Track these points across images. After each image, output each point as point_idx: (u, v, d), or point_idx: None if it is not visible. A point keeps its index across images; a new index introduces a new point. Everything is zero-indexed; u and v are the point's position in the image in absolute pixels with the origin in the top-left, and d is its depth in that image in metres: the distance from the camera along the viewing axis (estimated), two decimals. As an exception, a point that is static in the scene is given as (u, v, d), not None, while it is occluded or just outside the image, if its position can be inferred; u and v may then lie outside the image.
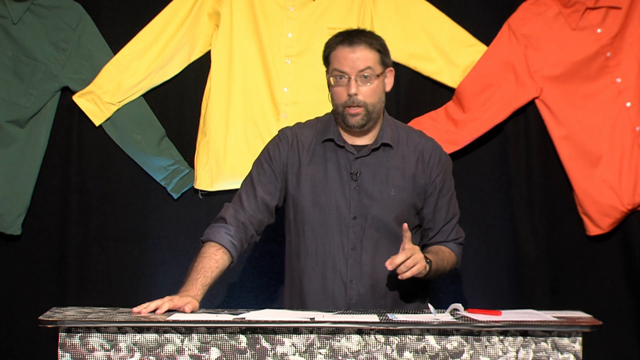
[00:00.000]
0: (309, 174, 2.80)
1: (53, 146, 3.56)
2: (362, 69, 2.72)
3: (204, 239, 2.74)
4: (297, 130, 2.88)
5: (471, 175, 3.57)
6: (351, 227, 2.77)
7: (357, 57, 2.72)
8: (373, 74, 2.73)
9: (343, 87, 2.73)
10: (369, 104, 2.74)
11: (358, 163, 2.79)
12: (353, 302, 2.77)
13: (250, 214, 2.78)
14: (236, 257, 2.74)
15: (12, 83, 3.51)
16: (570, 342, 2.29)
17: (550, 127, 3.53)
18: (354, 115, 2.74)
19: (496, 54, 3.52)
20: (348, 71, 2.72)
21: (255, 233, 2.80)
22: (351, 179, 2.78)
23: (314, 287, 2.79)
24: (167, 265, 3.56)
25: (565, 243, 3.58)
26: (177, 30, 3.54)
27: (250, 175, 2.86)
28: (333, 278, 2.77)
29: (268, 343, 2.29)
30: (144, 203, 3.59)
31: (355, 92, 2.71)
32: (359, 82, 2.72)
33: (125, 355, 2.29)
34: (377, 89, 2.75)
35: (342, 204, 2.78)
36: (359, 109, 2.73)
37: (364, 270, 2.76)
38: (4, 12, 3.50)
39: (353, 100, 2.72)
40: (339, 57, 2.74)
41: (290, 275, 2.88)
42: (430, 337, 2.30)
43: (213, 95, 3.52)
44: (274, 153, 2.84)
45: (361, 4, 3.53)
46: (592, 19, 3.49)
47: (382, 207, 2.78)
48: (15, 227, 3.53)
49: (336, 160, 2.80)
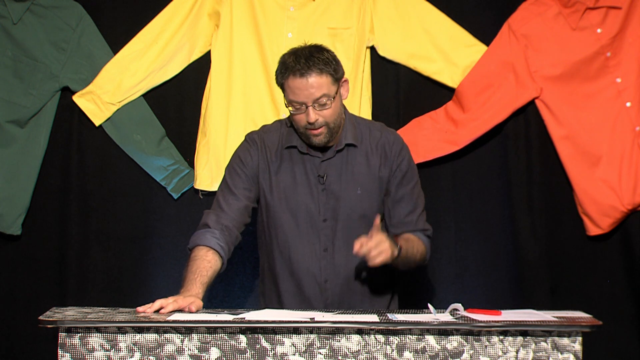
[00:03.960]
0: (279, 179, 2.82)
1: (53, 146, 3.56)
2: (317, 97, 2.70)
3: (191, 246, 2.75)
4: (263, 135, 2.88)
5: (471, 175, 3.57)
6: (322, 229, 2.80)
7: (311, 86, 2.69)
8: (329, 98, 2.71)
9: (302, 114, 2.72)
10: (330, 122, 2.74)
11: (324, 165, 2.81)
12: (329, 302, 2.79)
13: (231, 217, 2.79)
14: (226, 260, 2.74)
15: (12, 83, 3.51)
16: (570, 342, 2.29)
17: (550, 127, 3.53)
18: (317, 135, 2.75)
19: (496, 54, 3.52)
20: (304, 100, 2.70)
21: (239, 234, 2.81)
22: (318, 182, 2.80)
23: (290, 290, 2.82)
24: (167, 265, 3.56)
25: (565, 243, 3.58)
26: (177, 30, 3.54)
27: (225, 181, 2.86)
28: (307, 280, 2.80)
29: (268, 343, 2.29)
30: (144, 203, 3.59)
31: (315, 118, 2.71)
32: (317, 108, 2.71)
33: (125, 355, 2.29)
34: (335, 108, 2.74)
35: (312, 207, 2.80)
36: (321, 128, 2.73)
37: (337, 270, 2.79)
38: (4, 12, 3.50)
39: (314, 125, 2.72)
40: (293, 88, 2.71)
41: (265, 278, 2.90)
42: (430, 337, 2.30)
43: (213, 95, 3.52)
44: (245, 158, 2.85)
45: (361, 4, 3.53)
46: (592, 19, 3.49)
47: (350, 206, 2.80)
48: (15, 227, 3.53)
49: (303, 164, 2.82)
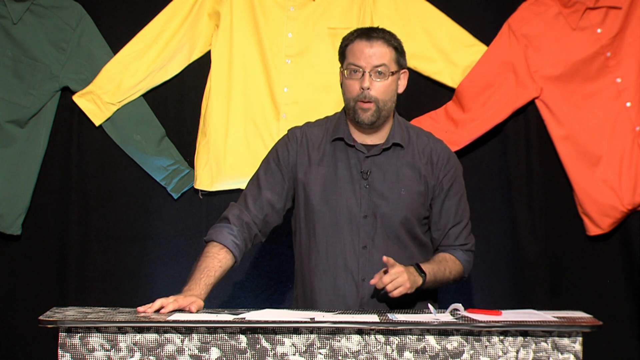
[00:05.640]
0: (319, 173, 2.78)
1: (53, 146, 3.56)
2: (377, 64, 2.71)
3: (207, 239, 2.74)
4: (306, 129, 2.86)
5: (471, 175, 3.56)
6: (362, 225, 2.75)
7: (374, 52, 2.71)
8: (388, 71, 2.72)
9: (356, 80, 2.71)
10: (380, 101, 2.72)
11: (369, 162, 2.78)
12: (365, 300, 2.74)
13: (254, 214, 2.77)
14: (239, 257, 2.73)
15: (12, 83, 3.51)
16: (570, 342, 2.29)
17: (550, 127, 3.53)
18: (365, 111, 2.72)
19: (496, 54, 3.52)
20: (363, 65, 2.70)
21: (259, 233, 2.79)
22: (362, 178, 2.77)
23: (325, 287, 2.77)
24: (167, 265, 3.56)
25: (565, 243, 3.58)
26: (177, 30, 3.54)
27: (257, 175, 2.84)
28: (344, 277, 2.75)
29: (268, 343, 2.29)
30: (144, 203, 3.59)
31: (368, 86, 2.69)
32: (372, 77, 2.71)
33: (125, 355, 2.29)
34: (390, 86, 2.73)
35: (353, 202, 2.76)
36: (370, 104, 2.71)
37: (376, 269, 2.70)
38: (4, 12, 3.50)
39: (365, 95, 2.70)
40: (355, 51, 2.72)
41: (300, 276, 2.85)
42: (430, 337, 2.30)
43: (213, 95, 3.52)
44: (282, 153, 2.82)
45: (361, 4, 3.53)
46: (592, 19, 3.49)
47: (393, 206, 2.76)
48: (15, 227, 3.53)
49: (346, 159, 2.79)
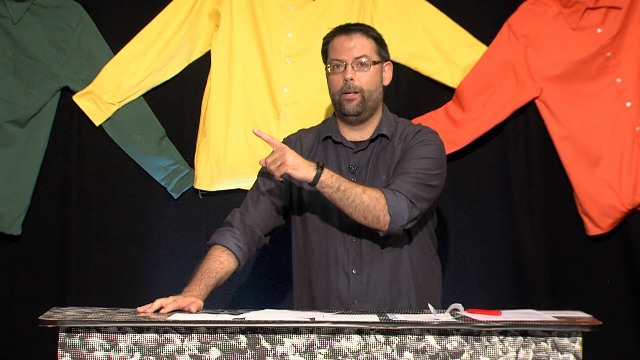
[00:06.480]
0: None
1: (53, 146, 3.56)
2: (358, 56, 2.77)
3: (210, 243, 2.77)
4: (301, 134, 2.93)
5: (471, 175, 3.57)
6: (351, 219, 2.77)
7: (354, 45, 2.78)
8: (370, 61, 2.77)
9: (339, 74, 2.77)
10: (365, 91, 2.76)
11: (357, 157, 2.81)
12: (356, 292, 2.78)
13: (256, 217, 2.81)
14: (243, 261, 2.76)
15: (12, 83, 3.51)
16: (570, 342, 2.29)
17: (550, 127, 3.53)
18: (350, 101, 2.76)
19: (496, 54, 3.52)
20: (345, 58, 2.77)
21: (262, 235, 2.83)
22: (349, 172, 2.80)
23: (320, 282, 2.81)
24: (167, 265, 3.56)
25: (565, 243, 3.57)
26: (177, 30, 3.54)
27: (256, 183, 2.90)
28: (336, 271, 2.79)
29: (268, 343, 2.29)
30: (144, 203, 3.59)
31: (352, 77, 2.75)
32: (355, 68, 2.76)
33: (125, 355, 2.29)
34: (374, 76, 2.78)
35: None
36: (355, 94, 2.76)
37: (365, 260, 2.77)
38: (4, 12, 3.50)
39: (349, 86, 2.75)
40: (336, 46, 2.79)
41: (298, 274, 2.89)
42: (430, 337, 2.30)
43: (213, 95, 3.52)
44: None
45: (361, 4, 3.53)
46: (592, 19, 3.49)
47: None
48: (15, 227, 3.53)
49: (336, 157, 2.83)
